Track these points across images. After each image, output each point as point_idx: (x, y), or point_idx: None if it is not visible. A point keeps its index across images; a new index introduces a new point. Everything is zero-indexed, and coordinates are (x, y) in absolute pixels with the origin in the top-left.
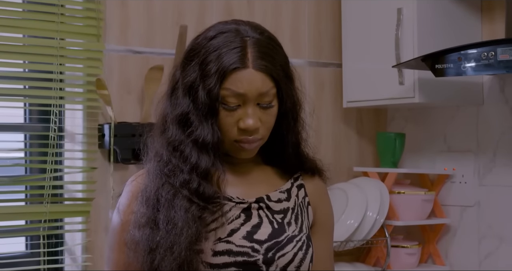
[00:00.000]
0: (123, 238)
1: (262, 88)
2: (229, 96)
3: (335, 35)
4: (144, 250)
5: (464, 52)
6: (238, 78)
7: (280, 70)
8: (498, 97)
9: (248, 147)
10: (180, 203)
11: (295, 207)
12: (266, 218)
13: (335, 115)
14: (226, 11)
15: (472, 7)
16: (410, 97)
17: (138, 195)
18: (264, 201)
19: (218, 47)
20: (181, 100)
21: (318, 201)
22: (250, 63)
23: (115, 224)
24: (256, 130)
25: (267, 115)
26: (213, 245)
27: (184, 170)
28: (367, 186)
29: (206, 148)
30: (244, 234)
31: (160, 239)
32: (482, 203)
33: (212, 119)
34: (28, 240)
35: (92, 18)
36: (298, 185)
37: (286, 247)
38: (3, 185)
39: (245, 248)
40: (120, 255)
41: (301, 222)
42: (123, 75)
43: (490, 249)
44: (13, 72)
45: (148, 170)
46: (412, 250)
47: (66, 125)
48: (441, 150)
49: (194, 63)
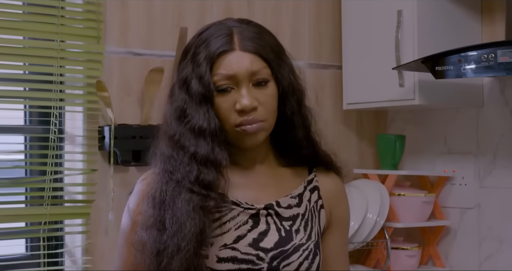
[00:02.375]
0: (132, 238)
1: (252, 67)
2: (221, 80)
3: (335, 37)
4: (152, 252)
5: (464, 54)
6: (227, 61)
7: (269, 51)
8: (498, 99)
9: (249, 129)
10: (182, 196)
11: (306, 212)
12: (274, 225)
13: (335, 117)
14: (226, 13)
15: (472, 9)
16: (410, 99)
17: (146, 195)
18: (273, 207)
19: (206, 39)
20: (177, 97)
21: (334, 201)
22: (236, 46)
23: (125, 223)
24: (254, 110)
25: (264, 95)
26: (218, 251)
27: (184, 161)
28: (367, 188)
29: (203, 134)
30: (250, 241)
31: (166, 238)
32: (482, 205)
33: (206, 106)
34: (28, 242)
35: (92, 20)
36: (312, 188)
37: (292, 256)
38: (3, 187)
39: (250, 256)
40: (129, 255)
41: (311, 229)
42: (123, 77)
43: (490, 251)
44: (13, 74)
45: (154, 171)
46: (412, 252)
47: (66, 127)
48: (441, 151)
49: (186, 60)
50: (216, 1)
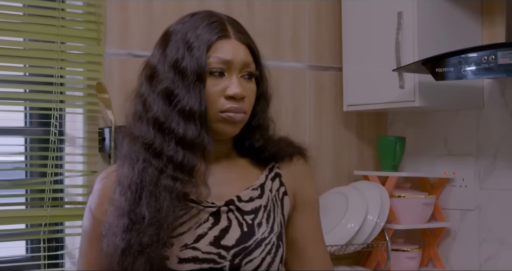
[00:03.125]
0: (95, 238)
1: (246, 58)
2: (216, 63)
3: (335, 39)
4: (119, 245)
5: (464, 56)
6: (224, 46)
7: (256, 49)
8: (498, 101)
9: (235, 116)
10: (163, 183)
11: (268, 203)
12: (235, 220)
13: (335, 119)
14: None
15: (472, 10)
16: (411, 101)
17: (110, 193)
18: (234, 203)
19: (197, 25)
20: (164, 78)
21: (297, 183)
22: (232, 34)
23: (86, 224)
24: (242, 99)
25: (249, 89)
26: (179, 252)
27: (170, 145)
28: (368, 190)
29: (193, 117)
30: (211, 239)
31: (143, 230)
32: (482, 206)
33: (200, 87)
34: (29, 243)
35: (92, 22)
36: (273, 177)
37: (254, 252)
38: (3, 189)
39: (211, 255)
40: (92, 255)
41: (273, 220)
42: (123, 78)
43: (491, 253)
44: (13, 76)
45: (127, 156)
46: (413, 253)
47: (66, 129)
48: (442, 153)
49: (173, 42)
50: (216, 3)
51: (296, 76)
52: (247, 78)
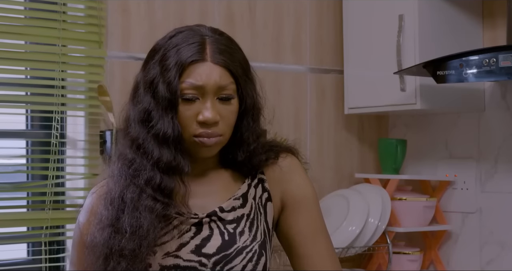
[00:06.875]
0: (82, 252)
1: (221, 81)
2: (188, 89)
3: (336, 42)
4: (101, 253)
5: (465, 59)
6: (197, 71)
7: (238, 67)
8: (499, 104)
9: (207, 141)
10: (144, 203)
11: (251, 212)
12: (217, 230)
13: (337, 121)
14: (227, 18)
15: (473, 13)
16: (412, 103)
17: (97, 208)
18: (216, 214)
19: (177, 44)
20: (142, 98)
21: (285, 181)
22: (208, 57)
23: (75, 237)
24: (216, 124)
25: (227, 111)
26: (161, 259)
27: (147, 167)
28: (369, 193)
29: (167, 142)
30: (192, 248)
31: (124, 242)
32: (483, 209)
33: (172, 113)
34: (30, 246)
35: (94, 25)
36: (256, 183)
37: (235, 260)
38: (5, 192)
39: (192, 263)
40: (80, 265)
41: (256, 229)
42: (124, 81)
43: (492, 256)
44: (15, 79)
45: (112, 172)
46: (414, 256)
47: (68, 132)
48: (443, 156)
49: (154, 61)
50: (218, 7)
51: (298, 79)
52: (224, 101)
